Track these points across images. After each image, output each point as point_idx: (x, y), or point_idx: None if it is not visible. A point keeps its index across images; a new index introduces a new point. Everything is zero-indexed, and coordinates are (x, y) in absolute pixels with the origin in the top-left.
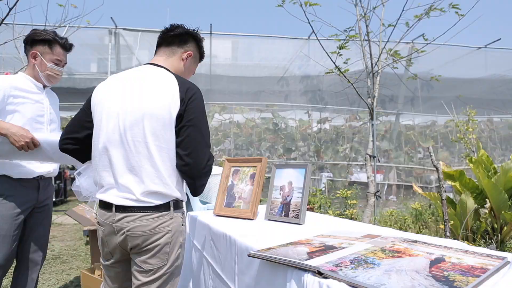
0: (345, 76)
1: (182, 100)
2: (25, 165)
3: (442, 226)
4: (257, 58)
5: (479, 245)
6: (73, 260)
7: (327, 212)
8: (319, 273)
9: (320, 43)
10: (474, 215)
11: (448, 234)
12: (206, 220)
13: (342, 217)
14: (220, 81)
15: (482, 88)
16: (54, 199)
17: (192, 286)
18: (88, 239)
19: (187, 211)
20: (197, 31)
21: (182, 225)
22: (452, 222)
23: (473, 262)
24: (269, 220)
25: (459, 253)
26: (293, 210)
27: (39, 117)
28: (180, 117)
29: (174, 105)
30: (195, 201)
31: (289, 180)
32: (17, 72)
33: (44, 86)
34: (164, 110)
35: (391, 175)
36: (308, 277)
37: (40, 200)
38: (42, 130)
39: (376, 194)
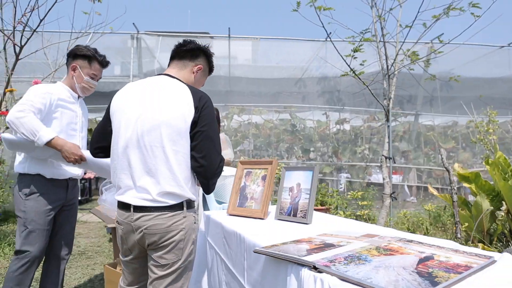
0: (360, 79)
1: (196, 108)
2: (58, 167)
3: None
4: (275, 60)
5: (496, 248)
6: (97, 256)
7: (339, 213)
8: (315, 268)
9: (335, 46)
10: (490, 218)
11: (459, 235)
12: (220, 219)
13: (352, 218)
14: (239, 83)
15: (505, 87)
16: (79, 198)
17: (207, 280)
18: (111, 236)
19: (203, 210)
20: (207, 46)
21: (195, 223)
22: (466, 224)
23: (459, 261)
24: (278, 219)
25: (449, 252)
26: (301, 211)
27: (73, 124)
28: (194, 124)
29: (189, 113)
30: (211, 201)
31: (298, 181)
32: (55, 82)
33: (78, 96)
34: (180, 118)
35: (411, 176)
36: (305, 272)
37: (69, 199)
38: (75, 137)
39: (392, 195)
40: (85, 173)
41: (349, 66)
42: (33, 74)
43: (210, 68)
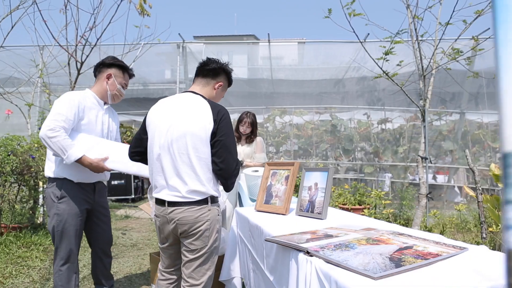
0: (393, 81)
1: (215, 120)
2: (85, 172)
3: (492, 229)
4: (316, 62)
5: None
6: (147, 248)
7: (375, 213)
8: (308, 253)
9: (366, 50)
10: None
11: (484, 236)
12: (246, 215)
13: (377, 217)
14: (280, 85)
15: None
16: (133, 196)
17: (239, 268)
18: None
19: (239, 206)
20: (227, 64)
21: (218, 215)
22: (500, 225)
23: (434, 250)
24: (299, 215)
25: (430, 243)
26: (317, 207)
27: (99, 129)
28: (214, 134)
29: (208, 125)
30: (245, 199)
31: (315, 181)
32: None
33: (105, 103)
34: (201, 130)
35: (460, 176)
36: (301, 256)
37: (97, 201)
38: (101, 141)
39: (428, 195)
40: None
41: (381, 68)
42: (92, 81)
43: (230, 83)
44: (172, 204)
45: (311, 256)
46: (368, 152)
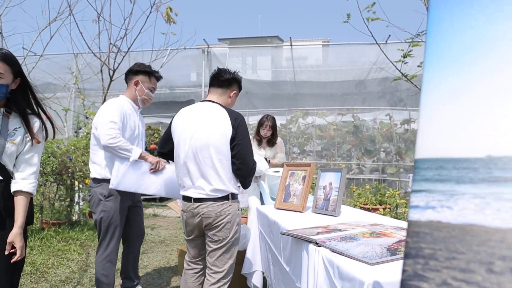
0: (412, 83)
1: (233, 126)
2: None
3: None
4: (338, 64)
5: None
6: (174, 244)
7: (396, 213)
8: (317, 244)
9: (384, 53)
10: None
11: None
12: (266, 212)
13: (393, 216)
14: (303, 87)
15: None
16: (159, 196)
17: (260, 261)
18: None
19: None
20: (237, 72)
21: (238, 210)
22: None
23: None
24: (314, 213)
25: None
26: (331, 205)
27: (135, 132)
28: (233, 139)
29: (228, 131)
30: (266, 197)
31: (330, 181)
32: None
33: (138, 107)
34: (222, 136)
35: None
36: (311, 247)
37: (135, 199)
38: (135, 141)
39: None
40: None
41: (399, 71)
42: (122, 85)
43: (240, 89)
44: (197, 200)
45: (319, 246)
46: (391, 152)
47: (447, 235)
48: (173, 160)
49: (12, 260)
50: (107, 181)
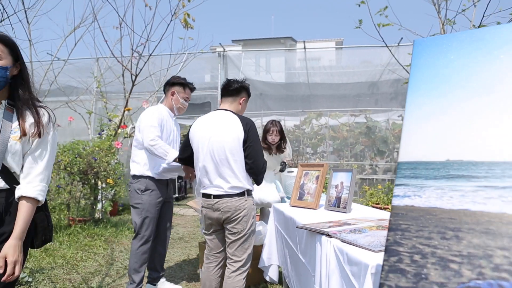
0: None
1: (244, 131)
2: (165, 172)
3: None
4: (351, 65)
5: None
6: (192, 240)
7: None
8: (329, 235)
9: (394, 57)
10: None
11: None
12: (282, 209)
13: None
14: (316, 89)
15: None
16: (176, 195)
17: (277, 254)
18: None
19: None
20: (245, 81)
21: (253, 204)
22: None
23: None
24: (327, 210)
25: None
26: (342, 203)
27: (170, 136)
28: (245, 141)
29: (240, 135)
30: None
31: (341, 180)
32: (157, 104)
33: (174, 114)
34: (235, 139)
35: None
36: (324, 238)
37: (168, 195)
38: (170, 144)
39: None
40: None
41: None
42: (142, 88)
43: (249, 95)
44: (217, 196)
45: (331, 237)
46: None
47: (417, 215)
48: (191, 165)
49: (2, 279)
50: (145, 177)
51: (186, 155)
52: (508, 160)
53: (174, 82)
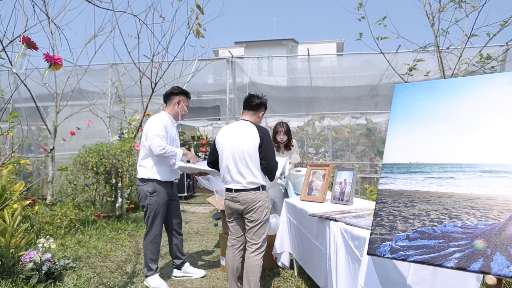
0: None
1: (260, 137)
2: (167, 174)
3: None
4: (352, 70)
5: None
6: (207, 234)
7: None
8: (336, 220)
9: (392, 67)
10: None
11: None
12: (295, 203)
13: None
14: (318, 92)
15: None
16: (185, 194)
17: (290, 242)
18: (215, 222)
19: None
20: (263, 97)
21: (267, 197)
22: None
23: None
24: (332, 203)
25: None
26: (345, 197)
27: (175, 139)
28: (260, 146)
29: (256, 141)
30: (291, 192)
31: (344, 178)
32: (159, 111)
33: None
34: (253, 144)
35: None
36: (332, 223)
37: (174, 194)
38: (174, 146)
39: None
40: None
41: (406, 82)
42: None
43: (266, 109)
44: (237, 190)
45: (337, 222)
46: None
47: (392, 194)
48: (217, 168)
49: None
50: (152, 180)
51: (213, 159)
52: (442, 163)
53: (178, 92)
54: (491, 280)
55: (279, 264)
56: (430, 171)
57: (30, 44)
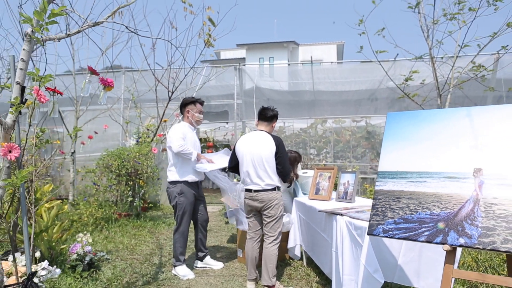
0: (413, 100)
1: (276, 145)
2: (194, 175)
3: None
4: (352, 76)
5: None
6: (220, 231)
7: None
8: (341, 215)
9: (390, 78)
10: None
11: None
12: (304, 201)
13: None
14: (320, 96)
15: None
16: None
17: (300, 236)
18: (227, 220)
19: (294, 197)
20: (275, 109)
21: (281, 196)
22: None
23: None
24: (337, 201)
25: None
26: (349, 196)
27: (194, 144)
28: (276, 153)
29: (273, 149)
30: (299, 192)
31: (348, 179)
32: (180, 121)
33: (194, 127)
34: (270, 152)
35: None
36: (338, 217)
37: (200, 193)
38: (195, 149)
39: None
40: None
41: (403, 91)
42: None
43: (277, 118)
44: (256, 191)
45: (343, 216)
46: None
47: (384, 193)
48: (237, 172)
49: None
50: (180, 182)
51: (234, 164)
52: (419, 171)
53: (185, 103)
54: (447, 247)
55: (291, 255)
56: (411, 177)
57: (93, 72)
